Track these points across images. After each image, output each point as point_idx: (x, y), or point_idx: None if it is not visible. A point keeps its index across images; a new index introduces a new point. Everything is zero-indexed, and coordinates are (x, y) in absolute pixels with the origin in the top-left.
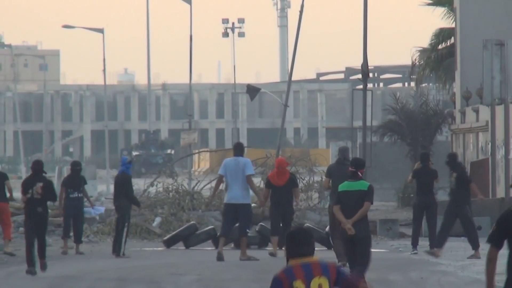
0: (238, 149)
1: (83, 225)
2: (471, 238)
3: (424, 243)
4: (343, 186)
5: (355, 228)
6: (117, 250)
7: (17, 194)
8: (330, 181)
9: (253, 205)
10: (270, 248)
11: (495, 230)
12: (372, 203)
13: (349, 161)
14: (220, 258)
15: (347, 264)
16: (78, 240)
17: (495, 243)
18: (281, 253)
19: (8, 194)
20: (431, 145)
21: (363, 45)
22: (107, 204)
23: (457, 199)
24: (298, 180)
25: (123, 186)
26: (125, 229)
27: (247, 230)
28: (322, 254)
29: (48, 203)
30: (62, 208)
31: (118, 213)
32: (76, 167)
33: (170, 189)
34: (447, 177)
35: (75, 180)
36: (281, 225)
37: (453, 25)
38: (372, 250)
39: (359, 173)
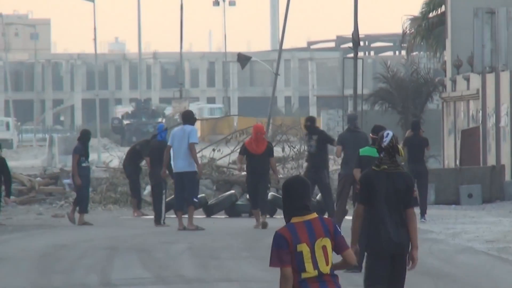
0: (186, 118)
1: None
2: (328, 204)
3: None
4: (366, 151)
5: None
6: (157, 218)
7: None
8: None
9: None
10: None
11: (362, 190)
12: None
13: (359, 128)
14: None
15: None
16: (85, 210)
17: (365, 201)
18: (270, 222)
19: None
20: (422, 113)
21: (353, 13)
22: (98, 173)
23: (316, 163)
24: (289, 149)
25: (162, 154)
26: (164, 196)
27: (194, 199)
28: None
29: (35, 171)
30: (77, 177)
31: (154, 181)
32: (87, 135)
33: None
34: (437, 145)
35: (87, 148)
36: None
37: None
38: None
39: None
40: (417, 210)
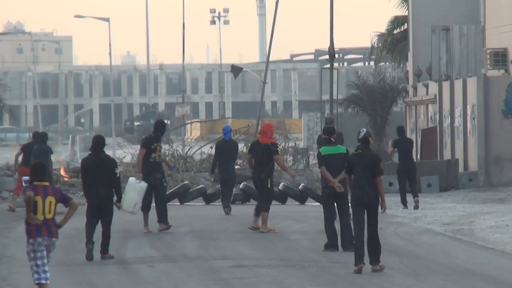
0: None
1: None
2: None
3: (409, 199)
4: (326, 150)
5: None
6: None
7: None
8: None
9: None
10: (252, 204)
11: (348, 167)
12: None
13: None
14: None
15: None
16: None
17: (350, 173)
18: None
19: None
20: (388, 115)
21: (329, 30)
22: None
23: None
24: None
25: (235, 152)
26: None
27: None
28: (297, 208)
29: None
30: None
31: (227, 176)
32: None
33: (167, 153)
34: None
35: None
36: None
37: (406, 13)
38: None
39: (332, 138)
40: (409, 198)
